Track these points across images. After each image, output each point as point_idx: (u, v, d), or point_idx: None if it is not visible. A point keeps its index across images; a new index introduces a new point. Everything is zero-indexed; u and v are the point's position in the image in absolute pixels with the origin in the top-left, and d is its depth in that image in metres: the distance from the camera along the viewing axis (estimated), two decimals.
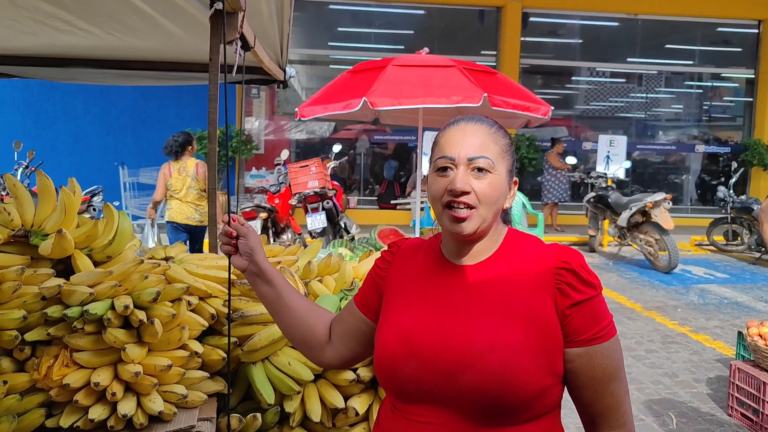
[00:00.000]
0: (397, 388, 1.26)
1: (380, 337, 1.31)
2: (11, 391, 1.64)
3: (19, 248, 1.86)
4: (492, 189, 1.22)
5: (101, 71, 3.61)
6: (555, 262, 1.21)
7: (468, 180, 1.21)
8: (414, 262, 1.37)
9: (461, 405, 1.17)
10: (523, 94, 5.77)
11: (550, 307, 1.19)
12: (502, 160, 1.25)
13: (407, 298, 1.32)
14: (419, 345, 1.22)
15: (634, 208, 8.32)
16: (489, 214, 1.23)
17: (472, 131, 1.25)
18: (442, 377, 1.18)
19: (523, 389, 1.14)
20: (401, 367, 1.23)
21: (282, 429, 1.88)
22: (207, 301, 1.94)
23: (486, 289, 1.23)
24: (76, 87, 10.85)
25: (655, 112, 14.75)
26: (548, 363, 1.17)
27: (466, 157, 1.22)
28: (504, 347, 1.15)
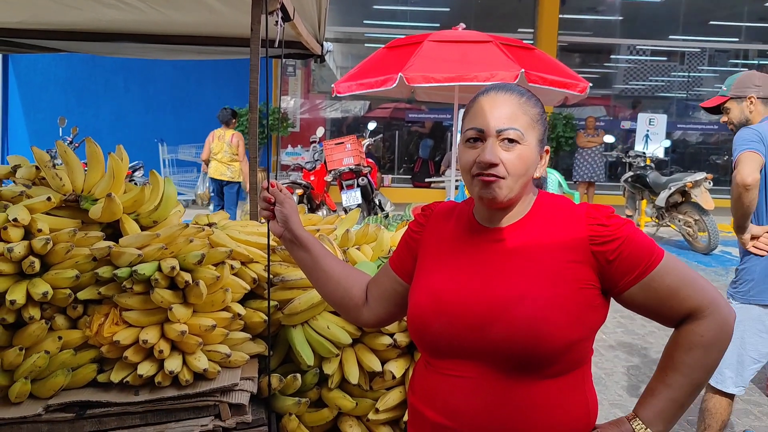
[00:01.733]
0: (428, 344, 1.31)
1: (413, 297, 1.36)
2: (65, 346, 1.72)
3: (70, 212, 1.93)
4: (521, 161, 1.23)
5: (144, 45, 3.68)
6: (586, 219, 1.24)
7: (497, 152, 1.23)
8: (446, 225, 1.40)
9: (491, 358, 1.21)
10: (560, 70, 5.69)
11: (584, 264, 1.22)
12: (532, 130, 1.26)
13: (439, 260, 1.35)
14: (448, 302, 1.27)
15: (674, 187, 8.17)
16: (517, 184, 1.25)
17: (501, 101, 1.26)
18: (471, 331, 1.22)
19: (552, 341, 1.17)
20: (432, 324, 1.28)
21: (321, 390, 1.93)
22: (248, 266, 2.00)
23: (516, 249, 1.26)
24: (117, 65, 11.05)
25: (697, 92, 14.36)
26: (578, 317, 1.20)
27: (495, 129, 1.23)
28: (532, 300, 1.19)
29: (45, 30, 3.50)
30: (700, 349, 1.21)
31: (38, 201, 1.79)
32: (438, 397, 1.28)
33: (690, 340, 1.22)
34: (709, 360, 1.22)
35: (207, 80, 11.66)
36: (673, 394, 1.22)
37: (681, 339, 1.24)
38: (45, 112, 11.20)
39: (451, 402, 1.25)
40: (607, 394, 3.88)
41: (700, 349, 1.21)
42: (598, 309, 1.24)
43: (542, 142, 1.30)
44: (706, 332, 1.21)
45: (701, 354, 1.22)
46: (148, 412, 1.70)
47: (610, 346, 4.74)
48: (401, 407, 1.92)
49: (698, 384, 1.23)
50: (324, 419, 1.93)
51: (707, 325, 1.22)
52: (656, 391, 1.25)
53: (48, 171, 1.91)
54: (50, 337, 1.71)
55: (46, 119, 10.86)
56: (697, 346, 1.21)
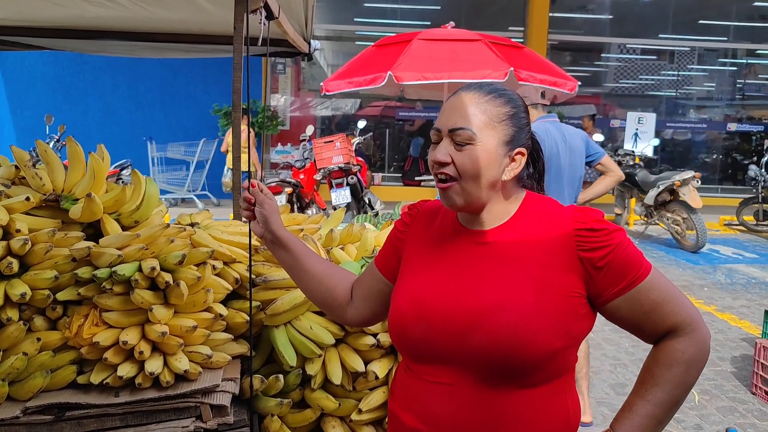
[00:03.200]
0: (408, 349, 1.29)
1: (394, 300, 1.34)
2: (44, 348, 1.71)
3: (50, 212, 1.92)
4: (472, 161, 1.20)
5: (129, 43, 3.64)
6: (573, 224, 1.21)
7: (449, 151, 1.21)
8: (431, 226, 1.38)
9: (471, 365, 1.18)
10: (549, 68, 5.70)
11: (570, 270, 1.19)
12: (491, 130, 1.21)
13: (421, 263, 1.33)
14: (429, 308, 1.24)
15: (662, 186, 8.20)
16: (476, 187, 1.21)
17: (461, 101, 1.23)
18: (451, 338, 1.20)
19: (533, 350, 1.14)
20: (412, 329, 1.25)
21: (304, 391, 1.93)
22: (231, 266, 1.99)
23: (499, 253, 1.23)
24: (105, 62, 10.97)
25: (687, 90, 14.43)
26: (561, 326, 1.17)
27: (447, 129, 1.22)
28: (514, 308, 1.16)
29: (29, 27, 3.46)
30: (682, 366, 1.20)
31: (17, 201, 1.77)
32: (417, 403, 1.26)
33: (671, 356, 1.20)
34: (689, 377, 1.20)
35: (196, 78, 11.59)
36: (653, 411, 1.20)
37: (662, 355, 1.22)
38: (32, 110, 11.10)
39: (429, 408, 1.23)
40: (594, 392, 3.89)
41: (682, 366, 1.20)
42: (583, 318, 1.21)
43: (510, 143, 1.23)
44: (687, 349, 1.20)
45: (682, 371, 1.20)
46: (128, 414, 1.69)
47: (597, 344, 4.75)
48: (384, 407, 1.92)
49: (677, 401, 1.21)
50: (307, 420, 1.92)
51: (688, 342, 1.20)
52: (635, 406, 1.22)
53: (28, 170, 1.89)
54: (29, 338, 1.69)
55: (34, 117, 10.77)
56: (679, 363, 1.20)
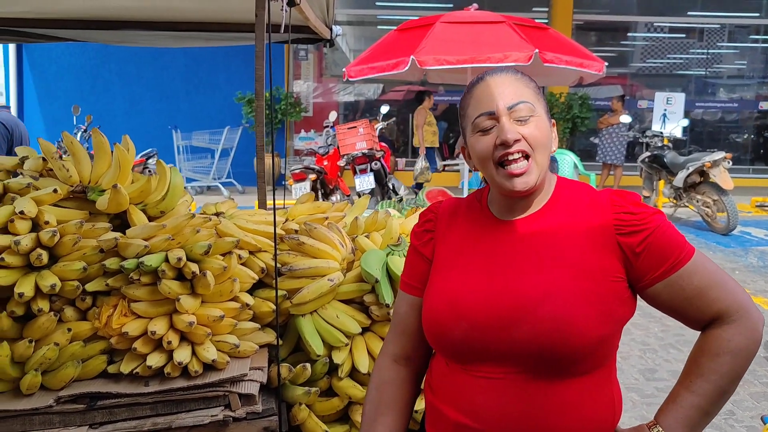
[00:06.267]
0: (448, 350, 1.24)
1: (428, 301, 1.29)
2: (75, 338, 1.73)
3: (77, 203, 1.93)
4: (540, 131, 1.19)
5: (151, 33, 3.65)
6: (611, 207, 1.19)
7: (514, 128, 1.18)
8: (454, 224, 1.33)
9: (518, 359, 1.16)
10: (575, 49, 5.60)
11: (609, 255, 1.16)
12: (539, 102, 1.22)
13: (453, 260, 1.29)
14: (468, 307, 1.20)
15: (692, 167, 8.04)
16: (544, 159, 1.20)
17: (500, 81, 1.22)
18: (495, 335, 1.17)
19: (581, 338, 1.12)
20: (451, 331, 1.21)
21: (331, 380, 1.93)
22: (257, 255, 1.99)
23: (536, 242, 1.21)
24: (130, 53, 11.06)
25: (716, 69, 14.08)
26: (605, 311, 1.14)
27: (506, 107, 1.19)
28: (557, 298, 1.13)
29: (54, 19, 3.48)
30: (728, 355, 1.15)
31: (45, 193, 1.79)
32: (460, 397, 1.22)
33: (717, 345, 1.16)
34: (737, 367, 1.15)
35: (219, 66, 11.64)
36: (698, 402, 1.16)
37: (707, 344, 1.17)
38: (60, 101, 11.25)
39: (474, 402, 1.20)
40: (622, 377, 3.85)
41: (728, 355, 1.15)
42: (626, 303, 1.19)
43: (549, 114, 1.26)
44: (734, 337, 1.15)
45: (729, 360, 1.15)
46: (158, 403, 1.70)
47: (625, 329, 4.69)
48: None
49: (725, 392, 1.17)
50: (334, 408, 1.92)
51: (735, 330, 1.15)
52: (679, 397, 1.18)
53: (55, 162, 1.91)
54: (60, 329, 1.71)
55: (62, 108, 10.92)
56: (725, 352, 1.15)
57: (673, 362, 4.16)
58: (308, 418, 1.88)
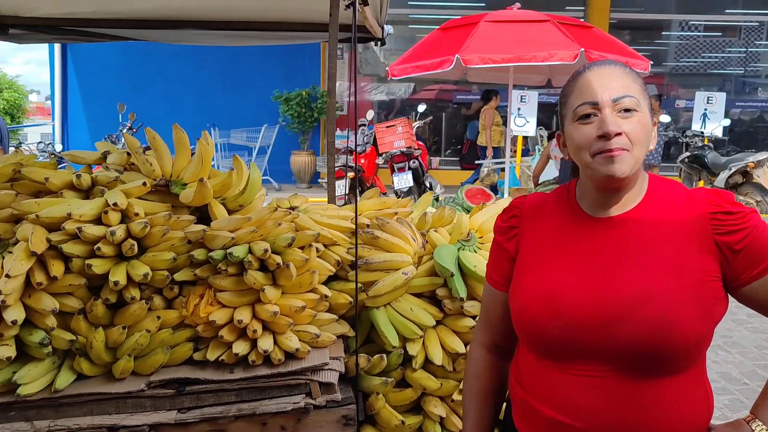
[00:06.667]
0: (543, 346, 1.25)
1: (518, 296, 1.29)
2: (163, 325, 1.80)
3: (159, 197, 2.00)
4: (642, 128, 1.18)
5: (209, 32, 3.74)
6: (707, 207, 1.19)
7: (617, 121, 1.17)
8: (542, 220, 1.33)
9: (617, 358, 1.16)
10: (620, 48, 5.57)
11: (706, 254, 1.17)
12: (644, 99, 1.21)
13: (543, 257, 1.29)
14: (564, 304, 1.20)
15: (734, 168, 7.93)
16: (641, 154, 1.19)
17: (609, 73, 1.21)
18: (594, 333, 1.17)
19: (684, 338, 1.12)
20: (546, 328, 1.21)
21: (404, 371, 1.97)
22: (331, 249, 2.04)
23: (632, 240, 1.20)
24: (170, 52, 11.25)
25: (755, 67, 13.82)
26: (704, 310, 1.15)
27: (611, 99, 1.17)
28: (660, 297, 1.13)
29: (116, 19, 3.59)
30: None
31: (134, 186, 1.86)
32: (555, 394, 1.22)
33: None
34: None
35: (256, 65, 11.78)
36: None
37: None
38: (102, 99, 11.50)
39: (571, 399, 1.20)
40: None
41: None
42: (722, 302, 1.19)
43: (651, 112, 1.24)
44: None
45: None
46: (243, 390, 1.76)
47: None
48: None
49: None
50: (408, 399, 1.96)
51: None
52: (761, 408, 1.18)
53: (139, 157, 1.98)
54: (149, 316, 1.78)
55: (103, 106, 11.16)
56: None
57: (722, 364, 4.13)
58: (383, 408, 1.92)
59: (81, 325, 1.72)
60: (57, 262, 1.68)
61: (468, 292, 1.93)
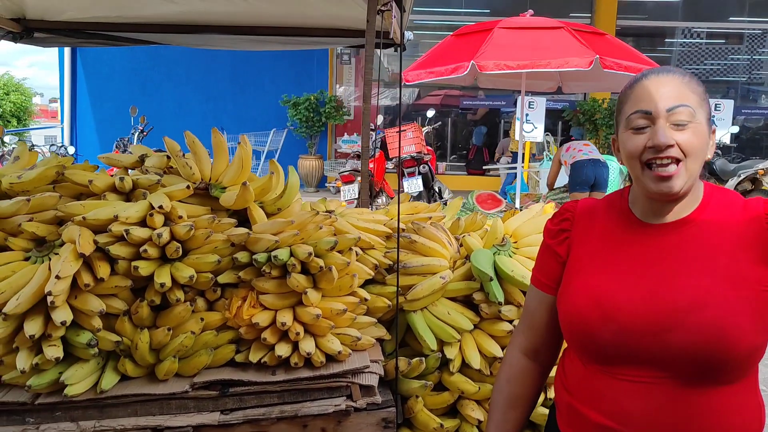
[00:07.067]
0: (595, 351, 1.23)
1: (568, 300, 1.29)
2: (207, 327, 1.81)
3: (199, 200, 2.02)
4: (697, 139, 1.16)
5: (231, 37, 3.77)
6: (765, 217, 1.16)
7: (669, 133, 1.15)
8: (594, 225, 1.33)
9: (669, 364, 1.15)
10: (634, 55, 5.59)
11: (763, 264, 1.15)
12: (701, 108, 1.19)
13: (595, 261, 1.28)
14: (617, 307, 1.19)
15: (743, 175, 7.95)
16: (695, 167, 1.17)
17: (665, 82, 1.19)
18: (646, 338, 1.16)
19: (738, 347, 1.11)
20: (598, 332, 1.20)
21: (441, 374, 1.98)
22: (368, 252, 2.06)
23: (687, 248, 1.19)
24: (179, 55, 11.30)
25: (759, 75, 13.87)
26: (759, 321, 1.13)
27: (665, 109, 1.15)
28: (716, 305, 1.12)
29: (139, 23, 3.62)
30: None
31: (177, 189, 1.88)
32: (604, 399, 1.21)
33: None
34: None
35: (265, 69, 11.84)
36: None
37: None
38: (111, 102, 11.56)
39: (621, 405, 1.19)
40: None
41: None
42: None
43: (710, 122, 1.21)
44: None
45: None
46: (285, 392, 1.78)
47: None
48: None
49: None
50: (445, 402, 1.98)
51: None
52: None
53: (179, 160, 2.00)
54: (193, 318, 1.80)
55: (112, 109, 11.22)
56: None
57: None
58: (421, 411, 1.94)
59: (126, 326, 1.74)
60: (104, 264, 1.70)
61: (505, 297, 1.95)
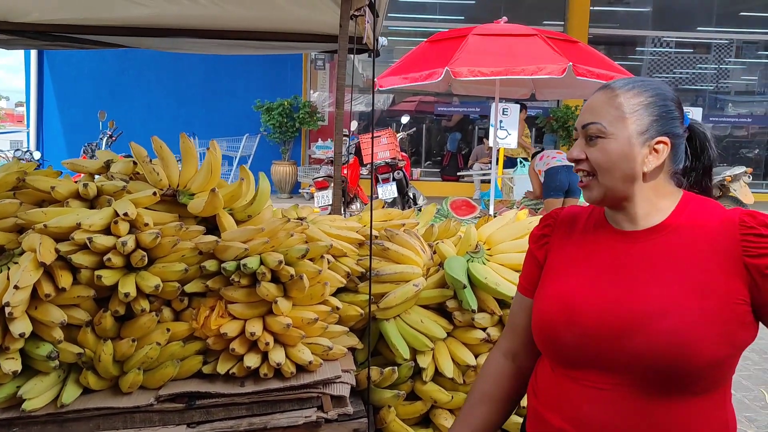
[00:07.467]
0: (558, 354, 1.25)
1: (539, 303, 1.30)
2: (173, 338, 1.76)
3: (166, 207, 1.96)
4: (604, 154, 1.20)
5: (202, 41, 3.71)
6: (740, 228, 1.15)
7: (583, 147, 1.24)
8: (573, 231, 1.35)
9: (629, 371, 1.14)
10: (606, 63, 5.66)
11: (734, 276, 1.13)
12: (623, 121, 1.20)
13: (567, 267, 1.30)
14: (581, 311, 1.20)
15: None
16: (612, 179, 1.21)
17: (594, 98, 1.27)
18: (607, 343, 1.16)
19: (697, 358, 1.09)
20: (562, 335, 1.22)
21: (414, 383, 1.96)
22: (340, 260, 2.02)
23: (656, 256, 1.19)
24: (149, 59, 11.14)
25: (725, 84, 14.18)
26: (725, 334, 1.11)
27: (580, 126, 1.25)
28: (677, 313, 1.11)
29: (107, 26, 3.55)
30: None
31: (143, 195, 1.82)
32: (566, 405, 1.22)
33: None
34: None
35: (238, 74, 11.73)
36: None
37: None
38: (79, 106, 11.34)
39: (582, 412, 1.19)
40: None
41: None
42: (748, 327, 1.14)
43: (646, 133, 1.20)
44: None
45: None
46: (254, 403, 1.73)
47: None
48: None
49: None
50: (417, 412, 1.95)
51: None
52: None
53: (146, 166, 1.95)
54: (159, 328, 1.74)
55: (80, 113, 11.01)
56: None
57: None
58: (393, 421, 1.91)
59: (89, 337, 1.68)
60: (65, 273, 1.64)
61: (478, 304, 1.93)
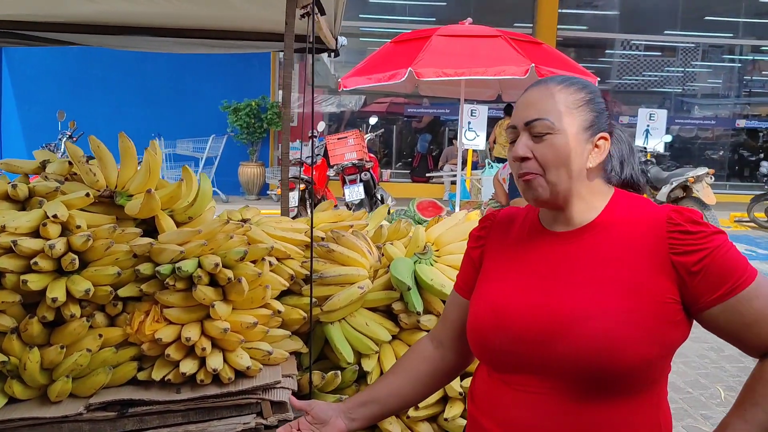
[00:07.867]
0: (489, 359, 1.23)
1: (472, 308, 1.29)
2: (106, 344, 1.70)
3: (103, 208, 1.90)
4: (554, 150, 1.15)
5: (156, 39, 3.64)
6: (666, 225, 1.13)
7: (529, 145, 1.17)
8: (508, 234, 1.32)
9: (558, 375, 1.12)
10: (569, 64, 5.70)
11: (662, 274, 1.11)
12: (569, 117, 1.17)
13: (499, 270, 1.28)
14: (508, 315, 1.18)
15: (675, 182, 8.21)
16: (560, 176, 1.16)
17: (532, 94, 1.21)
18: (534, 347, 1.14)
19: (624, 359, 1.07)
20: (491, 339, 1.20)
21: (359, 387, 1.92)
22: (285, 263, 1.98)
23: (583, 257, 1.17)
24: (113, 58, 10.93)
25: (692, 87, 14.44)
26: (654, 333, 1.09)
27: (523, 123, 1.18)
28: (602, 315, 1.09)
29: (58, 23, 3.45)
30: None
31: (76, 197, 1.76)
32: (498, 409, 1.20)
33: None
34: None
35: (205, 74, 11.57)
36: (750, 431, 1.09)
37: (765, 372, 1.11)
38: (39, 106, 11.08)
39: (511, 415, 1.17)
40: None
41: None
42: (678, 326, 1.12)
43: (591, 128, 1.19)
44: None
45: None
46: (190, 410, 1.68)
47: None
48: (440, 404, 1.91)
49: None
50: None
51: None
52: (731, 426, 1.11)
53: (82, 166, 1.88)
54: (90, 334, 1.68)
55: (40, 113, 10.76)
56: None
57: None
58: None
59: (14, 345, 1.61)
60: None
61: (424, 306, 1.90)
